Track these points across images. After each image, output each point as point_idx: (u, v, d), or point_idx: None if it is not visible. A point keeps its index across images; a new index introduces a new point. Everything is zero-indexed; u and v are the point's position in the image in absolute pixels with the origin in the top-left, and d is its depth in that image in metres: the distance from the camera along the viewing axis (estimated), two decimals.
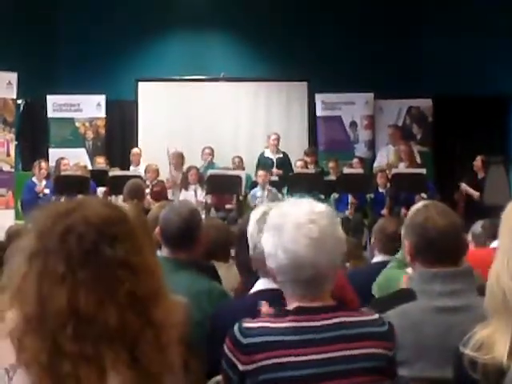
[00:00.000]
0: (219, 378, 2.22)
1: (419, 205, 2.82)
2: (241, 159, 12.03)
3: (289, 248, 2.03)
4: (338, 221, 2.15)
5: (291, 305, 2.10)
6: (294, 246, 2.03)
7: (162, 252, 3.36)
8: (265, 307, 2.23)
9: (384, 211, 10.21)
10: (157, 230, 3.41)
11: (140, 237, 1.79)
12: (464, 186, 10.67)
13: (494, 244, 4.25)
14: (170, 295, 1.77)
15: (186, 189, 11.10)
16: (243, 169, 11.81)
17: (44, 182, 10.57)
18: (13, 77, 11.28)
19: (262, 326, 2.04)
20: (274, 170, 11.65)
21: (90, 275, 1.67)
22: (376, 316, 2.14)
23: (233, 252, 4.58)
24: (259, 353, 1.99)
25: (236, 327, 2.05)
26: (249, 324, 2.05)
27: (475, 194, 10.39)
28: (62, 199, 10.05)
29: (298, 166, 11.39)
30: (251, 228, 2.71)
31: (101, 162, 11.69)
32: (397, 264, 3.88)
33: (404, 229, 2.74)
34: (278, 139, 12.08)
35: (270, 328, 2.04)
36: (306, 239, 2.02)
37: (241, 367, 2.00)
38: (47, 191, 10.44)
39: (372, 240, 4.79)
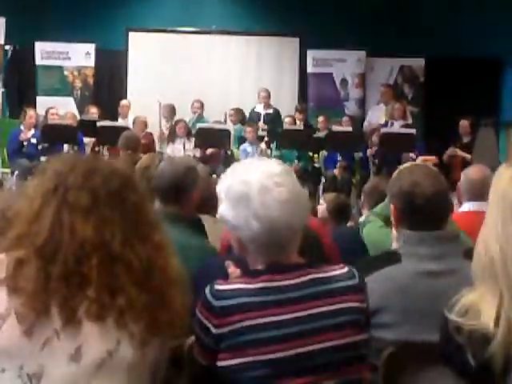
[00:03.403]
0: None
1: (405, 166, 2.78)
2: (237, 111, 11.91)
3: (261, 215, 1.99)
4: (293, 174, 2.13)
5: (261, 266, 2.08)
6: (266, 212, 1.99)
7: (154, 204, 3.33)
8: (232, 267, 2.19)
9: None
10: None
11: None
12: (455, 150, 10.58)
13: (467, 206, 4.21)
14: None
15: (173, 142, 11.07)
16: (239, 121, 11.76)
17: (32, 131, 10.43)
18: (0, 22, 11.10)
19: (233, 288, 2.01)
20: (260, 124, 11.60)
21: (117, 214, 1.79)
22: (346, 269, 2.12)
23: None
24: (232, 315, 1.97)
25: (207, 290, 2.01)
26: (220, 286, 2.02)
27: (467, 156, 10.30)
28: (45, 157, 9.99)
29: (286, 123, 11.34)
30: None
31: (94, 112, 11.54)
32: (380, 219, 3.85)
33: (389, 192, 2.70)
34: (267, 95, 12.02)
35: (242, 289, 2.01)
36: (278, 203, 2.00)
37: (214, 330, 1.97)
38: (33, 140, 10.32)
39: (362, 198, 4.77)
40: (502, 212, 1.70)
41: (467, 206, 4.13)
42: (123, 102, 12.07)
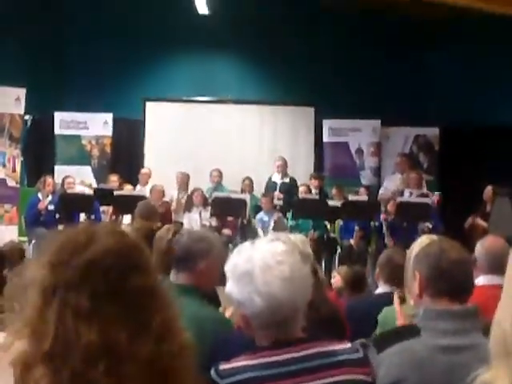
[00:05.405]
0: None
1: (428, 237, 2.78)
2: (250, 180, 12.01)
3: (263, 292, 2.03)
4: (298, 255, 2.15)
5: (265, 342, 2.10)
6: (268, 289, 2.03)
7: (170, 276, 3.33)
8: None
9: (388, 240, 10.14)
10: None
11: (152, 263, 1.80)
12: (477, 218, 10.51)
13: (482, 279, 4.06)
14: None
15: (190, 211, 11.09)
16: (252, 190, 11.83)
17: (49, 199, 10.52)
18: (21, 92, 11.31)
19: (237, 366, 2.04)
20: (276, 193, 11.63)
21: (120, 310, 1.65)
22: (349, 344, 2.15)
23: None
24: None
25: (213, 371, 2.03)
26: (224, 366, 2.04)
27: (486, 226, 10.19)
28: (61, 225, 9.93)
29: (301, 192, 11.36)
30: None
31: (114, 180, 11.67)
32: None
33: (414, 259, 2.69)
34: (283, 164, 12.08)
35: (246, 366, 2.03)
36: (279, 280, 2.04)
37: None
38: (51, 207, 10.39)
39: (377, 270, 4.73)
40: None
41: (482, 280, 3.99)
42: (143, 170, 12.22)
